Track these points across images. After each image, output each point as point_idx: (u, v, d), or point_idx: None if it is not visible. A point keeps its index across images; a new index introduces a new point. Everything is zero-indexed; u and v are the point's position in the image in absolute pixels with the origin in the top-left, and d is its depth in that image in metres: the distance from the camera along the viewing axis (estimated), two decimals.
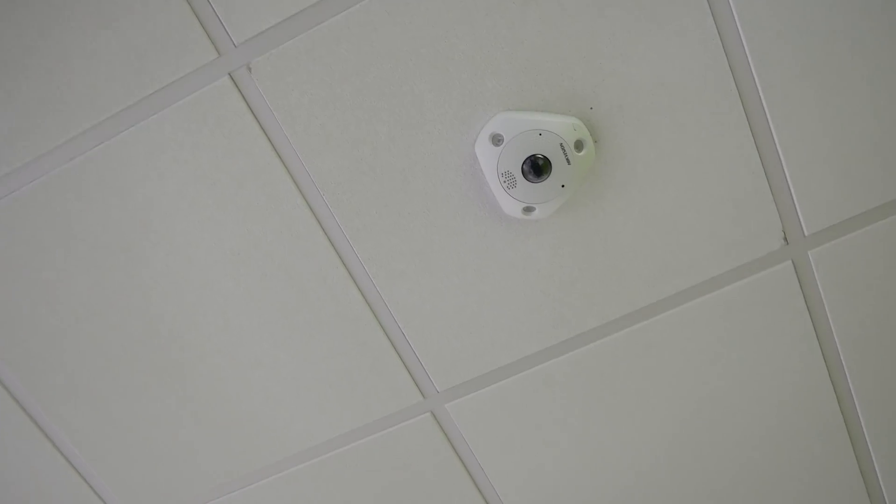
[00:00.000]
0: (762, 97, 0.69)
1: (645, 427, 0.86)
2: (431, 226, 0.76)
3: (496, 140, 0.71)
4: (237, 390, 0.85)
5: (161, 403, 0.86)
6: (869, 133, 0.70)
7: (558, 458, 0.88)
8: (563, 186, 0.72)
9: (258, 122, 0.71)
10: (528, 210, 0.74)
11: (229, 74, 0.69)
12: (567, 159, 0.71)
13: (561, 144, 0.70)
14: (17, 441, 0.89)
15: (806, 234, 0.75)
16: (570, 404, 0.85)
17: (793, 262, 0.76)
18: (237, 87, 0.70)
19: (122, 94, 0.70)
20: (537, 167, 0.70)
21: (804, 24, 0.67)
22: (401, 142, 0.72)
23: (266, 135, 0.72)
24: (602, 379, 0.84)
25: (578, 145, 0.71)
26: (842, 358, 0.81)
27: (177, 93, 0.70)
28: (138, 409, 0.86)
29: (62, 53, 0.69)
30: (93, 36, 0.68)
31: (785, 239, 0.75)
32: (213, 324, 0.81)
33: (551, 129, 0.70)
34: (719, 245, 0.77)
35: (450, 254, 0.78)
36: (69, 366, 0.84)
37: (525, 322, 0.81)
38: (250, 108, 0.71)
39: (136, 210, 0.75)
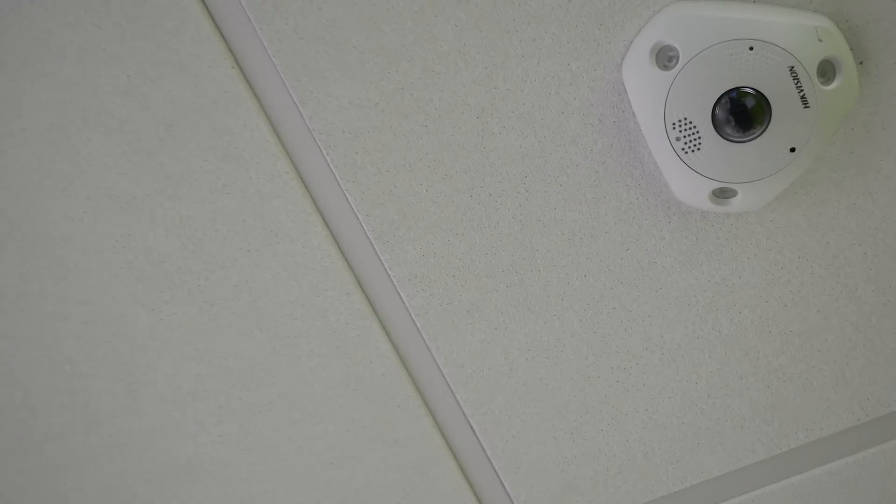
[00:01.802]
0: None
1: None
2: (533, 219, 0.71)
3: (664, 58, 0.66)
4: None
5: None
6: None
7: None
8: (792, 150, 0.66)
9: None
10: (722, 195, 0.69)
11: None
12: (803, 98, 0.65)
13: (792, 69, 0.64)
14: None
15: None
16: None
17: None
18: None
19: None
20: (744, 113, 0.65)
21: None
22: (478, 57, 0.65)
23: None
24: None
25: (826, 70, 0.65)
26: None
27: None
28: None
29: None
30: None
31: None
32: None
33: (773, 38, 0.64)
34: None
35: (569, 271, 0.73)
36: None
37: (715, 417, 0.76)
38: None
39: None
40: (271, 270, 0.73)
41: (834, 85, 0.65)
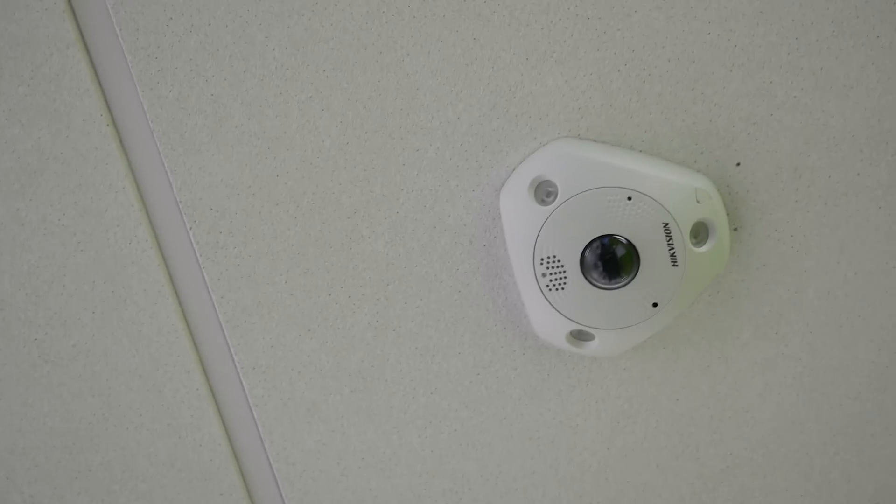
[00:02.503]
0: None
1: None
2: (388, 329, 0.69)
3: (543, 193, 0.65)
4: None
5: None
6: None
7: None
8: (654, 305, 0.65)
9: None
10: (580, 337, 0.68)
11: None
12: (673, 256, 0.64)
13: (666, 225, 0.63)
14: None
15: None
16: None
17: None
18: None
19: None
20: (613, 261, 0.64)
21: None
22: (359, 158, 0.63)
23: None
24: None
25: (699, 231, 0.65)
26: None
27: None
28: None
29: None
30: None
31: None
32: None
33: (652, 192, 0.63)
34: None
35: (416, 386, 0.71)
36: None
37: None
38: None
39: None
40: (114, 336, 0.69)
41: (705, 248, 0.65)
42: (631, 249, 0.64)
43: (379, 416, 0.71)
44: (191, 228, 0.65)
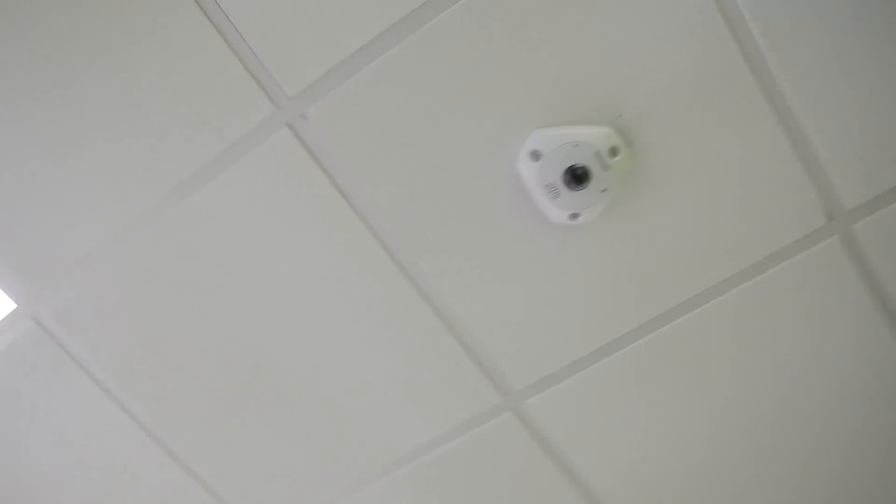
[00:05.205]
0: (780, 80, 0.92)
1: (715, 402, 1.12)
2: (488, 239, 1.03)
3: (535, 156, 0.96)
4: (333, 409, 1.15)
5: (271, 425, 1.17)
6: None
7: (636, 438, 1.15)
8: (603, 191, 0.96)
9: (319, 164, 0.98)
10: (573, 216, 0.99)
11: (287, 125, 0.96)
12: (604, 165, 0.94)
13: (596, 153, 0.94)
14: (155, 471, 1.25)
15: (848, 208, 0.98)
16: (639, 389, 1.12)
17: (839, 236, 1.00)
18: (296, 135, 0.97)
19: (198, 152, 0.99)
20: (577, 176, 0.95)
21: None
22: (449, 166, 0.98)
23: (327, 175, 0.99)
24: (668, 363, 1.10)
25: (613, 151, 0.94)
26: None
27: (244, 147, 0.97)
28: (251, 431, 1.19)
29: (144, 120, 0.97)
30: (167, 102, 0.95)
31: (828, 215, 0.98)
32: (305, 350, 1.12)
33: (585, 139, 0.94)
34: (762, 229, 0.99)
35: (507, 264, 1.05)
36: (191, 400, 1.17)
37: (585, 319, 1.08)
38: (310, 153, 0.97)
39: (221, 257, 1.05)
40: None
41: (618, 158, 0.96)
42: (584, 168, 0.96)
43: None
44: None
